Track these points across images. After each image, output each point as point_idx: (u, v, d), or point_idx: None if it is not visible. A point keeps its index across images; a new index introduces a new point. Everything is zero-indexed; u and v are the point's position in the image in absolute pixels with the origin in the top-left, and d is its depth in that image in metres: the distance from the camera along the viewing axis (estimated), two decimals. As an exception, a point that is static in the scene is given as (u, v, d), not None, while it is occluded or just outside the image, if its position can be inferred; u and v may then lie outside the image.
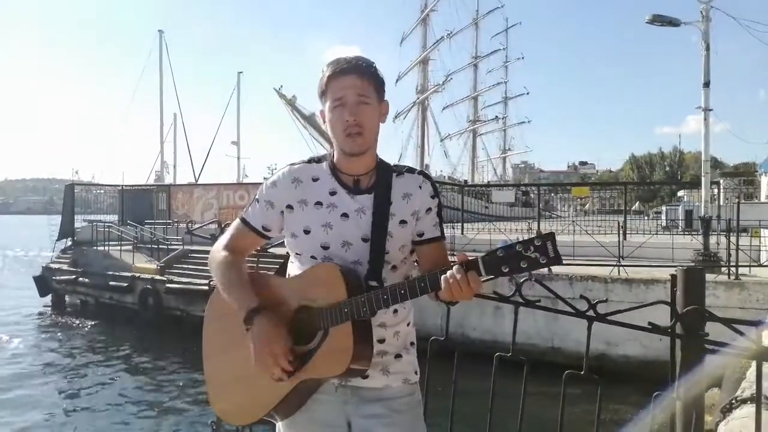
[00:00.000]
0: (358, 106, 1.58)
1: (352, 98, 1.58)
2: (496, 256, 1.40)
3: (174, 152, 44.35)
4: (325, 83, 1.61)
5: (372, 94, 1.61)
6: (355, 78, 1.59)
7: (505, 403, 2.16)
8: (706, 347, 1.82)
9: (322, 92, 1.63)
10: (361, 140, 1.60)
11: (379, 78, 1.64)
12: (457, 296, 1.43)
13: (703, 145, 12.02)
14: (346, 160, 1.65)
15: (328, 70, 1.61)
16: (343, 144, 1.61)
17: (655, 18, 11.71)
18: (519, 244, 1.38)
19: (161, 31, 43.90)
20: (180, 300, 14.28)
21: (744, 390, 3.95)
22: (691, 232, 16.63)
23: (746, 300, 9.26)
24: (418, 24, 51.00)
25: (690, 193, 30.64)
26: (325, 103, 1.63)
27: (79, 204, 22.09)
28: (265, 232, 1.73)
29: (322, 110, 1.66)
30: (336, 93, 1.59)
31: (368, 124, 1.60)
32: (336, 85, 1.59)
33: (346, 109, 1.58)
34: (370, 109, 1.61)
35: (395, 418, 1.65)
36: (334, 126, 1.61)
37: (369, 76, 1.61)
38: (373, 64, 1.65)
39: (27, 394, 9.54)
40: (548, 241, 1.35)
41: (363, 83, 1.59)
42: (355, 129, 1.58)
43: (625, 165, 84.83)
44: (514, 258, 1.37)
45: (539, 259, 1.35)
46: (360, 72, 1.60)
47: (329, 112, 1.61)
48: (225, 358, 1.73)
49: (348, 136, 1.59)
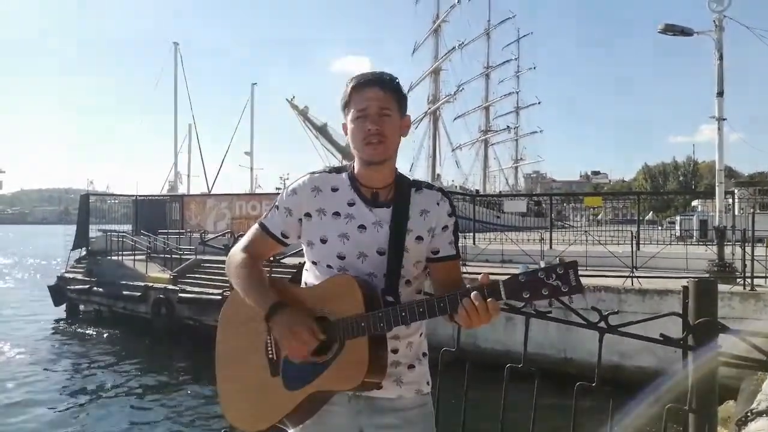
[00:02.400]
0: (380, 117, 1.61)
1: (374, 109, 1.60)
2: (518, 281, 1.41)
3: (188, 163, 44.93)
4: (348, 95, 1.63)
5: (394, 107, 1.63)
6: (378, 90, 1.61)
7: (517, 415, 2.15)
8: (719, 359, 1.81)
9: (345, 104, 1.65)
10: (382, 148, 1.61)
11: (402, 92, 1.67)
12: (475, 323, 1.44)
13: (717, 155, 11.92)
14: (365, 170, 1.67)
15: (351, 83, 1.64)
16: (363, 152, 1.62)
17: (668, 27, 11.67)
18: (541, 271, 1.39)
19: (176, 44, 44.58)
20: (193, 309, 14.33)
21: (760, 402, 3.90)
22: (705, 242, 16.47)
23: (762, 311, 9.13)
24: (430, 34, 51.24)
25: (704, 202, 30.40)
26: (348, 115, 1.65)
27: (94, 214, 22.26)
28: (283, 239, 1.74)
29: (344, 123, 1.68)
30: (359, 104, 1.61)
31: (389, 134, 1.62)
32: (359, 97, 1.61)
33: (368, 120, 1.60)
34: (392, 121, 1.63)
35: (408, 429, 1.66)
36: (355, 136, 1.63)
37: (391, 90, 1.64)
38: (396, 79, 1.68)
39: (40, 402, 9.61)
40: (571, 269, 1.36)
41: (385, 96, 1.62)
42: (376, 138, 1.60)
43: (638, 174, 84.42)
44: (536, 285, 1.39)
45: (561, 288, 1.36)
46: (383, 85, 1.63)
47: (351, 123, 1.63)
48: (238, 365, 1.75)
49: (367, 144, 1.60)
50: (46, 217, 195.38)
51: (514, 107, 68.52)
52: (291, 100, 39.78)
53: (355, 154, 1.67)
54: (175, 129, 43.05)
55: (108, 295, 16.83)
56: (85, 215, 21.33)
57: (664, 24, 11.73)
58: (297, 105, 39.84)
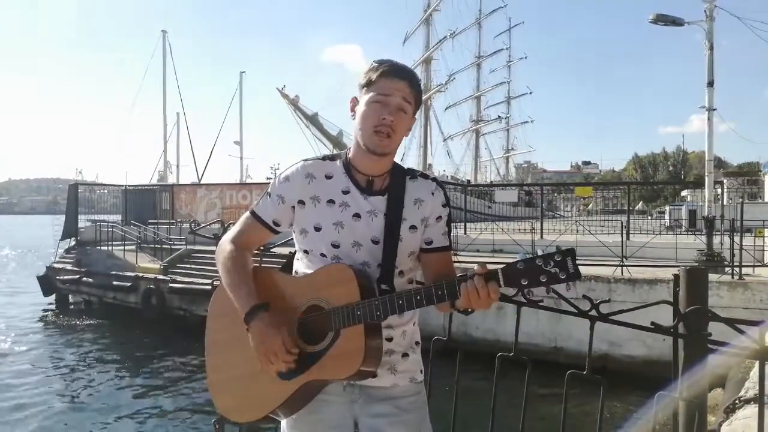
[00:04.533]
0: (397, 111, 1.59)
1: (397, 101, 1.59)
2: (516, 268, 1.41)
3: (177, 152, 44.53)
4: (376, 77, 1.60)
5: (411, 108, 1.63)
6: (407, 85, 1.61)
7: (508, 403, 2.16)
8: (709, 347, 1.82)
9: (368, 82, 1.61)
10: (388, 142, 1.60)
11: (421, 94, 1.68)
12: (476, 305, 1.45)
13: (707, 145, 11.98)
14: (364, 158, 1.64)
15: (383, 67, 1.61)
16: (369, 140, 1.60)
17: (659, 17, 11.67)
18: (539, 258, 1.40)
19: (164, 32, 44.07)
20: (183, 299, 14.31)
21: (747, 390, 3.95)
22: (694, 232, 16.60)
23: (750, 300, 9.23)
24: (421, 24, 51.02)
25: (693, 192, 30.52)
26: (365, 95, 1.61)
27: (83, 204, 22.09)
28: (275, 227, 1.72)
29: (355, 98, 1.65)
30: (384, 89, 1.59)
31: (398, 131, 1.61)
32: (386, 83, 1.59)
33: (387, 108, 1.58)
34: (405, 119, 1.62)
35: (403, 417, 1.66)
36: (366, 117, 1.60)
37: (416, 89, 1.63)
38: (421, 81, 1.69)
39: (29, 393, 9.56)
40: (568, 257, 1.37)
41: (410, 92, 1.61)
42: (387, 130, 1.58)
43: (628, 165, 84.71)
44: (534, 271, 1.40)
45: (559, 275, 1.38)
46: (411, 81, 1.62)
47: (366, 104, 1.60)
48: (228, 355, 1.73)
49: (376, 133, 1.58)
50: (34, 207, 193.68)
51: (506, 97, 68.68)
52: (282, 89, 39.53)
53: (358, 136, 1.63)
54: (164, 118, 42.75)
55: (98, 285, 16.76)
56: (74, 205, 21.16)
57: (656, 14, 11.74)
58: (288, 94, 39.60)
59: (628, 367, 9.01)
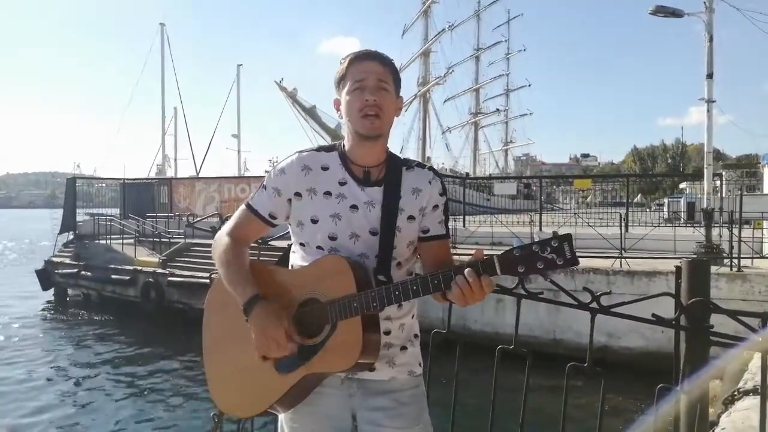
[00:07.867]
0: (378, 90, 1.57)
1: (373, 82, 1.57)
2: (513, 255, 1.38)
3: (175, 145, 44.41)
4: (345, 68, 1.60)
5: (391, 84, 1.61)
6: (378, 64, 1.59)
7: (508, 395, 2.15)
8: (712, 339, 1.81)
9: (341, 78, 1.61)
10: (378, 122, 1.57)
11: (398, 72, 1.65)
12: (469, 299, 1.42)
13: (706, 137, 11.98)
14: (358, 147, 1.62)
15: (349, 56, 1.61)
16: (359, 125, 1.58)
17: (658, 9, 11.65)
18: (535, 245, 1.36)
19: (162, 24, 43.89)
20: (182, 293, 14.29)
21: (747, 381, 3.95)
22: (693, 224, 16.58)
23: (748, 292, 9.24)
24: (420, 16, 50.89)
25: (692, 185, 30.53)
26: (343, 90, 1.60)
27: (81, 197, 22.06)
28: (271, 220, 1.70)
29: (336, 99, 1.64)
30: (356, 76, 1.57)
31: (386, 108, 1.59)
32: (356, 70, 1.58)
33: (366, 91, 1.56)
34: (389, 96, 1.60)
35: (401, 410, 1.65)
36: (351, 107, 1.58)
37: (389, 67, 1.62)
38: (393, 60, 1.66)
39: (28, 387, 9.55)
40: (565, 242, 1.34)
41: (384, 70, 1.60)
42: (374, 110, 1.56)
43: (627, 157, 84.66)
44: (531, 258, 1.36)
45: (556, 261, 1.34)
46: (382, 60, 1.61)
47: (347, 95, 1.59)
48: (226, 349, 1.72)
49: (365, 117, 1.56)
50: (32, 201, 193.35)
51: (504, 89, 68.61)
52: (280, 82, 39.39)
53: (349, 127, 1.61)
54: (163, 111, 42.65)
55: (96, 279, 16.74)
56: (72, 199, 21.12)
57: (655, 5, 11.71)
58: (285, 87, 39.44)
59: (627, 358, 9.02)
